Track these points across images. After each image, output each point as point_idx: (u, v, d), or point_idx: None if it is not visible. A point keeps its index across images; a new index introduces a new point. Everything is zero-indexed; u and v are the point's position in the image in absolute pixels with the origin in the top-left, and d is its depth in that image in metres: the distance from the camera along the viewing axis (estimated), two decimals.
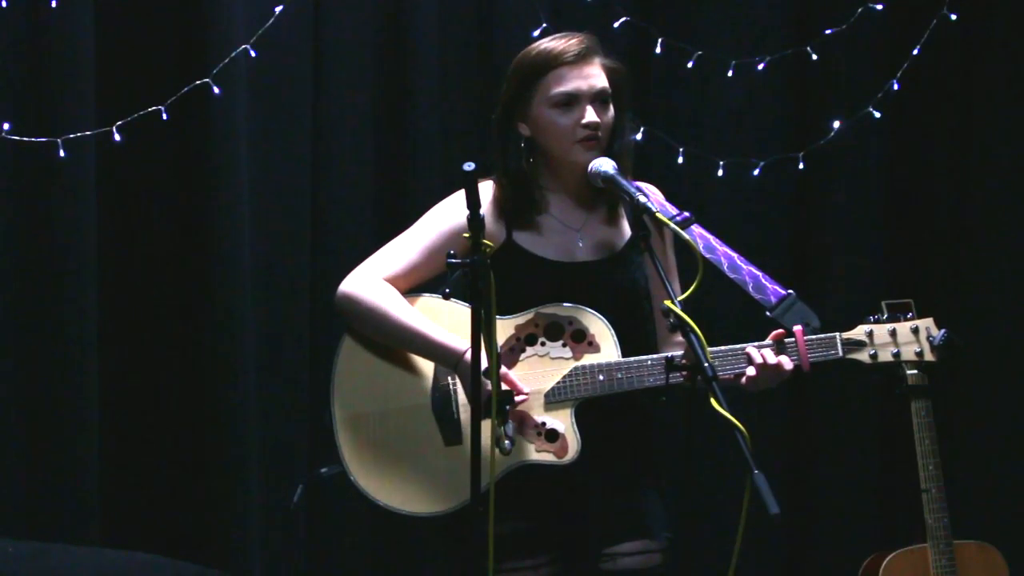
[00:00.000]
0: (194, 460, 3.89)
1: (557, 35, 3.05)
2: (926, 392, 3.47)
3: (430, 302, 3.02)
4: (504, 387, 2.86)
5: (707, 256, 3.03)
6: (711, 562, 3.19)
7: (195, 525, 3.89)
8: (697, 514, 4.29)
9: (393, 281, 3.01)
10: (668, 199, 3.10)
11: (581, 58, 2.99)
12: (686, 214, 3.06)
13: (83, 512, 3.75)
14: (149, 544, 3.58)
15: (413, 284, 3.03)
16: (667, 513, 3.08)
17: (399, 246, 3.05)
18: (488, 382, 2.73)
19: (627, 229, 3.05)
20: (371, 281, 3.01)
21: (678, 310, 2.73)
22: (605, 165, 2.95)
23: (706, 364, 2.68)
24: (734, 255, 3.05)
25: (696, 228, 3.06)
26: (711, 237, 3.06)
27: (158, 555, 3.10)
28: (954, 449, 4.30)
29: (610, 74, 3.02)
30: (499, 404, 2.73)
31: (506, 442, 2.79)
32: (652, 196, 3.09)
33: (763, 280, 3.03)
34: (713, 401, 2.62)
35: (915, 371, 3.36)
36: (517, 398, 2.91)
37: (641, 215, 2.90)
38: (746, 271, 3.04)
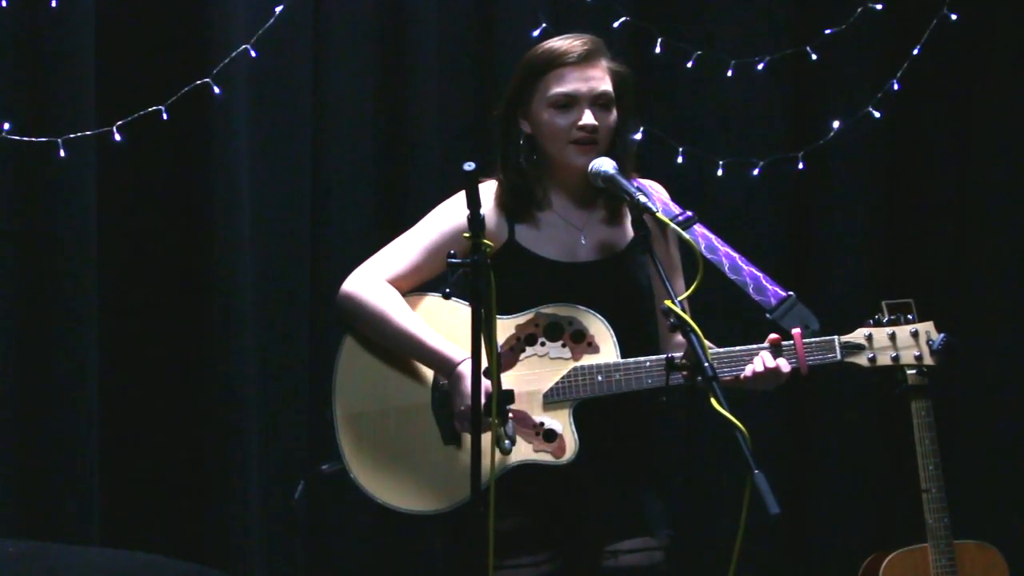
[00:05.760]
0: (194, 460, 3.89)
1: (565, 35, 3.04)
2: (926, 392, 3.47)
3: (432, 302, 3.03)
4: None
5: (708, 256, 3.03)
6: (711, 562, 3.20)
7: (195, 525, 3.89)
8: (697, 514, 4.29)
9: (395, 281, 3.02)
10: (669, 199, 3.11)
11: (584, 60, 2.98)
12: (688, 213, 3.07)
13: (83, 512, 3.75)
14: (149, 544, 3.58)
15: (415, 284, 3.04)
16: (668, 511, 3.08)
17: (401, 246, 3.06)
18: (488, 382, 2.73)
19: (630, 229, 3.03)
20: (373, 282, 3.01)
21: (678, 310, 2.73)
22: (605, 165, 2.96)
23: (706, 364, 2.68)
24: (736, 256, 3.05)
25: (698, 228, 3.06)
26: (713, 237, 3.06)
27: (158, 555, 3.10)
28: (954, 449, 4.29)
29: (614, 77, 3.02)
30: (499, 404, 2.73)
31: (506, 442, 2.80)
32: (655, 195, 3.09)
33: (764, 281, 3.03)
34: (713, 401, 2.62)
35: (915, 371, 3.36)
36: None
37: (641, 215, 2.90)
38: (747, 272, 3.04)
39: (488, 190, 3.04)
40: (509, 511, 2.92)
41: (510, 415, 2.88)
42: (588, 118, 2.97)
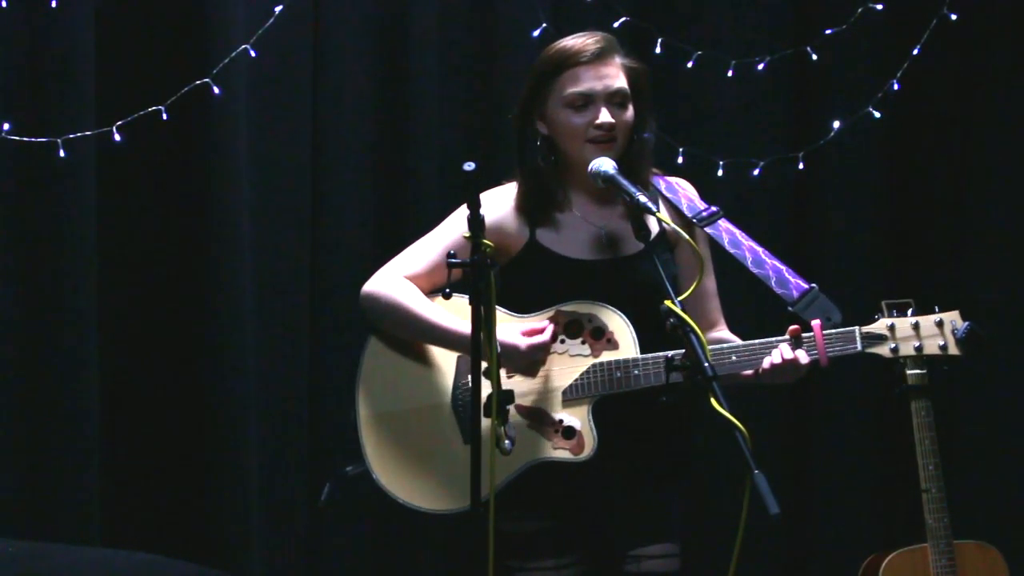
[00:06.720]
0: (194, 460, 3.89)
1: (577, 34, 3.05)
2: (926, 392, 3.46)
3: (441, 303, 3.03)
4: (506, 387, 2.87)
5: (732, 251, 3.04)
6: (711, 562, 3.19)
7: (195, 525, 3.89)
8: (698, 514, 4.28)
9: (414, 280, 3.04)
10: None
11: (597, 58, 2.99)
12: (713, 209, 3.08)
13: (83, 512, 3.75)
14: (149, 544, 3.58)
15: (435, 284, 3.05)
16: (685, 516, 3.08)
17: (420, 247, 3.08)
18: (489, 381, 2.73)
19: (652, 226, 3.05)
20: (391, 279, 3.04)
21: (677, 310, 2.73)
22: (605, 165, 2.96)
23: (706, 364, 2.68)
24: (759, 250, 3.06)
25: (723, 223, 3.07)
26: (737, 232, 3.07)
27: (158, 555, 3.10)
28: (954, 449, 4.29)
29: (629, 74, 3.02)
30: (499, 404, 2.73)
31: (506, 442, 2.80)
32: (681, 192, 3.12)
33: (786, 274, 3.03)
34: (713, 401, 2.62)
35: (916, 370, 3.35)
36: (538, 339, 2.91)
37: (642, 215, 2.90)
38: (770, 266, 3.04)
39: (508, 193, 3.06)
40: (532, 511, 2.93)
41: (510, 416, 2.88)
42: (604, 116, 2.97)
